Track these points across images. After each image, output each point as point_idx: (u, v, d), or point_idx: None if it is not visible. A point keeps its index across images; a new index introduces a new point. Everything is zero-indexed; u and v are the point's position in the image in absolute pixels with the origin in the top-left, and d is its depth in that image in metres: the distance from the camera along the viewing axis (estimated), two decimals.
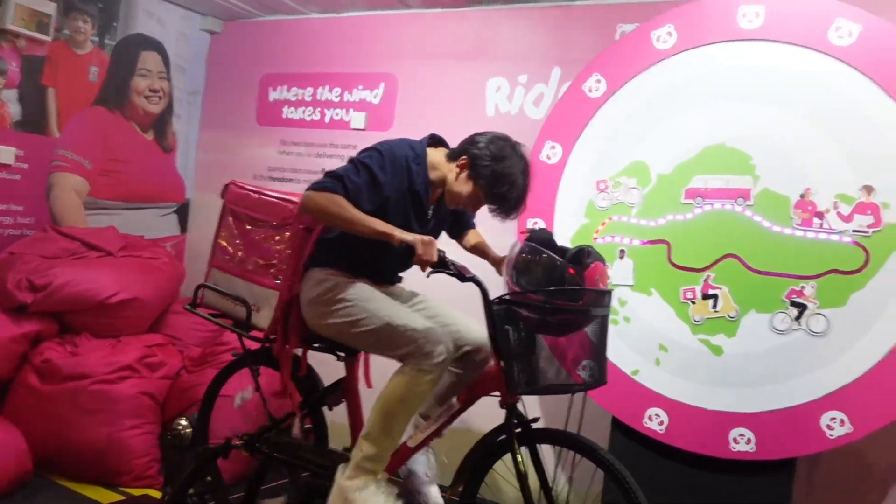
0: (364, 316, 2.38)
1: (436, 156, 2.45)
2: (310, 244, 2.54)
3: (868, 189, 2.50)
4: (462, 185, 2.37)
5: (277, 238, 2.59)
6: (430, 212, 2.50)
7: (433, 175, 2.43)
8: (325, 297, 2.43)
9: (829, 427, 2.50)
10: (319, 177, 2.36)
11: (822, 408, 2.52)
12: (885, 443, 2.80)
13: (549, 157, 3.07)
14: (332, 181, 2.30)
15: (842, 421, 2.48)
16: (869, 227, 2.49)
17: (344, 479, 2.36)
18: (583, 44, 3.54)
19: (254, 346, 2.75)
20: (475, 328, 2.52)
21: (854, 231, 2.51)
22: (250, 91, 4.63)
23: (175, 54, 4.68)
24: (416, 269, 2.30)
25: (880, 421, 2.43)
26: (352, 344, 2.52)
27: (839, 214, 2.53)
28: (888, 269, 2.46)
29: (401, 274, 2.66)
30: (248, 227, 2.68)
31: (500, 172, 2.30)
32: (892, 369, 2.42)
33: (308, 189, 2.33)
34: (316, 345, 2.67)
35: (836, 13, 2.60)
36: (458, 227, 2.75)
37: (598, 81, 3.00)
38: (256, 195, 2.68)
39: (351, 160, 2.38)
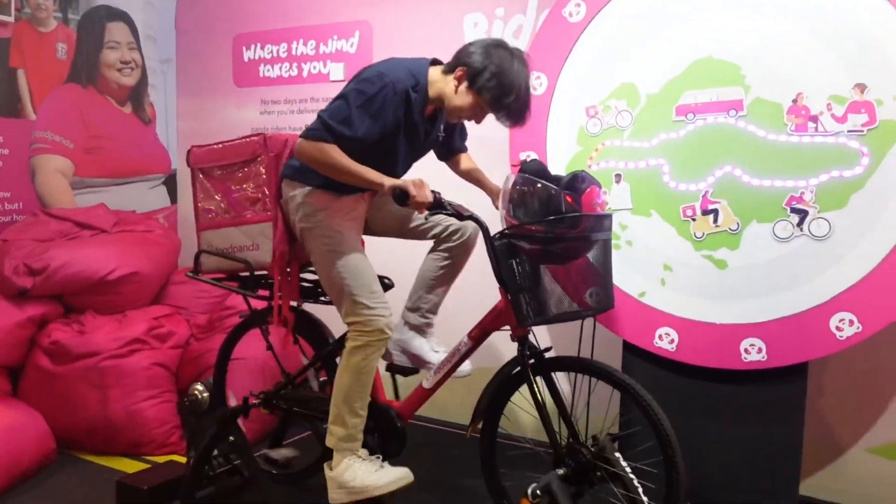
0: (332, 271, 2.43)
1: (434, 73, 2.40)
2: (287, 158, 2.56)
3: (861, 87, 2.47)
4: (462, 98, 2.34)
5: (253, 174, 2.61)
6: (425, 132, 2.47)
7: (431, 92, 2.39)
8: (307, 222, 2.46)
9: (838, 329, 2.52)
10: (311, 121, 2.33)
11: (830, 310, 2.53)
12: (893, 337, 2.83)
13: (535, 88, 3.02)
14: (323, 130, 2.28)
15: (850, 321, 2.50)
16: (864, 125, 2.47)
17: (330, 470, 2.45)
18: None
19: (261, 304, 2.76)
20: None
21: (849, 131, 2.49)
22: (224, 53, 4.55)
23: (143, 23, 4.58)
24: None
25: (888, 318, 2.45)
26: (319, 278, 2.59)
27: (833, 116, 2.51)
28: (887, 165, 2.44)
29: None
30: (221, 175, 2.70)
31: (505, 84, 2.27)
32: (895, 265, 2.43)
33: (301, 136, 2.32)
34: (322, 299, 2.68)
35: None
36: (449, 148, 2.73)
37: (578, 5, 2.94)
38: (219, 145, 2.72)
39: (343, 96, 2.31)
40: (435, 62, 2.46)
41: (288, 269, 2.65)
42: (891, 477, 2.92)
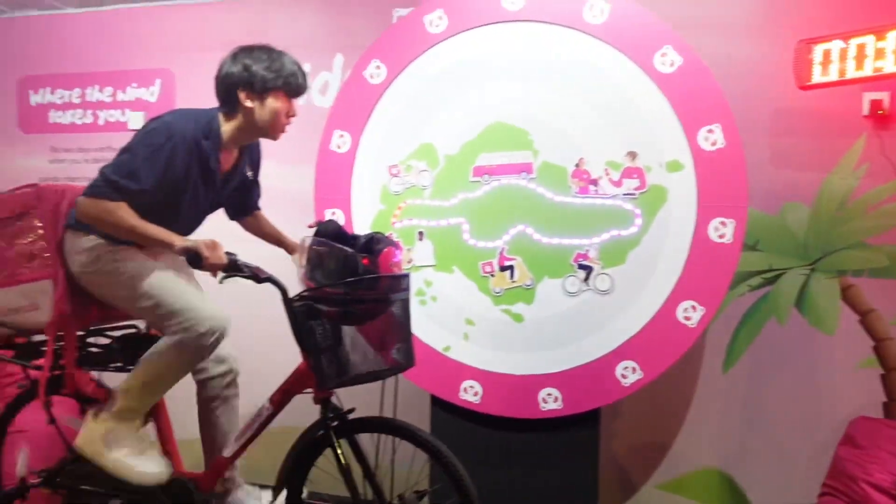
0: (139, 293, 2.29)
1: (221, 119, 2.36)
2: (66, 210, 2.39)
3: (632, 155, 2.71)
4: (265, 110, 2.32)
5: (27, 228, 2.43)
6: (223, 181, 2.43)
7: (226, 137, 2.35)
8: (95, 266, 2.32)
9: (623, 376, 2.71)
10: (95, 177, 2.21)
11: (616, 359, 2.72)
12: (671, 382, 3.09)
13: (339, 147, 3.06)
14: (106, 187, 2.17)
15: (633, 368, 2.70)
16: (636, 189, 2.71)
17: (97, 421, 2.33)
18: (362, 29, 3.54)
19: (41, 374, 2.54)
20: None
21: (624, 194, 2.72)
22: (7, 95, 4.21)
23: None
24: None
25: (665, 363, 2.68)
26: (133, 315, 2.47)
27: (610, 180, 2.73)
28: (657, 225, 2.69)
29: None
30: None
31: (273, 64, 2.31)
32: (668, 315, 2.66)
33: (83, 195, 2.19)
34: (112, 366, 2.51)
35: None
36: (244, 205, 2.67)
37: (378, 67, 3.02)
38: None
39: (129, 149, 2.23)
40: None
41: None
42: None
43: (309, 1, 3.69)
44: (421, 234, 2.96)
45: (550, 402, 2.80)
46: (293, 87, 2.35)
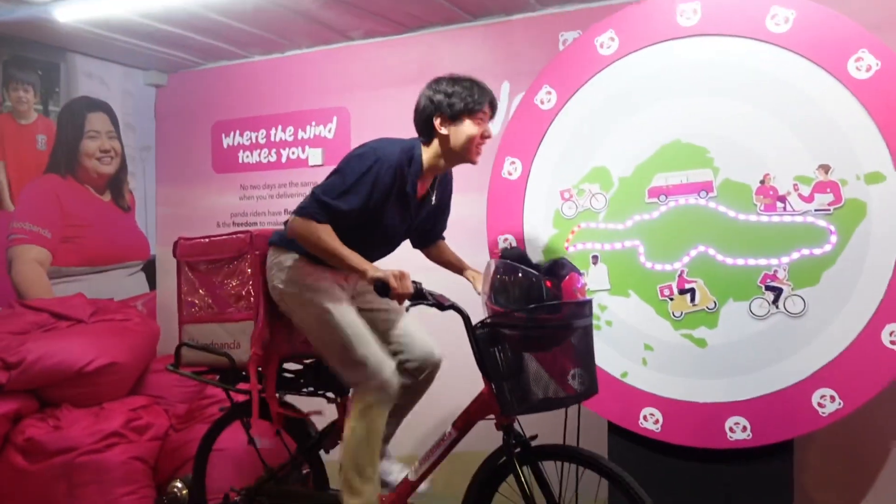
0: (326, 332, 2.43)
1: (421, 147, 2.48)
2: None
3: (825, 168, 2.55)
4: (460, 133, 2.42)
5: (238, 271, 2.62)
6: (417, 205, 2.53)
7: (427, 164, 2.47)
8: (293, 287, 2.46)
9: (820, 405, 2.53)
10: (298, 201, 2.40)
11: (811, 386, 2.55)
12: (875, 413, 2.85)
13: (510, 174, 3.09)
14: (316, 208, 2.33)
15: (832, 397, 2.52)
16: (830, 204, 2.54)
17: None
18: (528, 55, 3.59)
19: (241, 397, 2.73)
20: (425, 343, 2.63)
21: (816, 210, 2.56)
22: (203, 140, 4.61)
23: (122, 112, 4.63)
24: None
25: (868, 393, 2.47)
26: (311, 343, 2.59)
27: (800, 196, 2.58)
28: (855, 242, 2.50)
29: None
30: (207, 270, 2.70)
31: (465, 91, 2.41)
32: (872, 339, 2.47)
33: (294, 212, 2.37)
34: (304, 391, 2.66)
35: (770, 2, 2.65)
36: (429, 234, 2.76)
37: (549, 93, 3.03)
38: (206, 240, 2.73)
39: (338, 171, 2.39)
40: None
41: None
42: None
43: (474, 31, 3.78)
44: (595, 257, 2.92)
45: (738, 431, 2.66)
46: (483, 109, 2.43)
